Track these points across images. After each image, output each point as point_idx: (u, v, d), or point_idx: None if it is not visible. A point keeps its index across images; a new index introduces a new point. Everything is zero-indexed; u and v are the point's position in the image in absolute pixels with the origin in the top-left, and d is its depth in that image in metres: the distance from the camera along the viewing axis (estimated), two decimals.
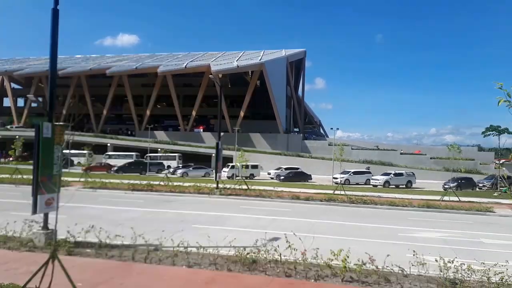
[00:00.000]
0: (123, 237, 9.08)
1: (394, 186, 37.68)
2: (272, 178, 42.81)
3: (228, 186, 26.27)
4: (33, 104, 70.72)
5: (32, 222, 9.53)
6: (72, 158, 49.33)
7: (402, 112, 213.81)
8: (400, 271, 7.61)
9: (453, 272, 7.23)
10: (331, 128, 48.18)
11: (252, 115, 66.43)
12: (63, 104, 64.72)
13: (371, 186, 38.13)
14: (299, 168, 45.11)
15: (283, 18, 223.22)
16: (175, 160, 53.83)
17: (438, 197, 25.07)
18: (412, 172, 41.73)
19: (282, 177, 41.44)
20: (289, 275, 7.67)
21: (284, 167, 45.52)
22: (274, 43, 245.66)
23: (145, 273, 7.66)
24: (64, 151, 11.09)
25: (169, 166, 49.65)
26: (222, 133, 30.14)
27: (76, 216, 14.07)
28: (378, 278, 7.45)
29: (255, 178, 42.92)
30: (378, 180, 38.60)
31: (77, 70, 68.09)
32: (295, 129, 75.80)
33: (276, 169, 44.92)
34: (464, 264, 7.33)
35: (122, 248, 8.94)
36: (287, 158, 54.66)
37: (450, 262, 7.30)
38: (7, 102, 79.91)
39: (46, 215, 9.72)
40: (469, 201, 23.98)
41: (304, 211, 18.61)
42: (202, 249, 8.75)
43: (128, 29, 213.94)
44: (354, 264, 7.55)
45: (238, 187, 26.22)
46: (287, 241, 8.17)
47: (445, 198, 24.62)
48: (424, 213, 19.45)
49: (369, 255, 7.57)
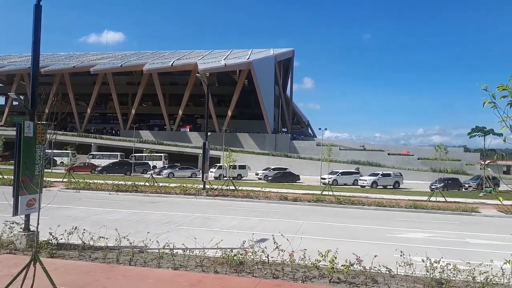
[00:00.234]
0: (107, 238, 8.88)
1: (381, 187, 38.03)
2: (260, 179, 42.76)
3: (215, 186, 26.13)
4: (14, 103, 69.12)
5: (13, 223, 9.31)
6: (55, 158, 48.51)
7: (390, 112, 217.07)
8: (387, 272, 7.63)
9: (439, 272, 7.28)
10: (319, 128, 48.74)
11: (240, 114, 66.25)
12: (46, 102, 63.13)
13: (359, 186, 38.41)
14: (287, 168, 45.15)
15: (271, 18, 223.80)
16: (161, 160, 53.34)
17: (425, 198, 25.39)
18: (399, 173, 42.17)
19: (270, 178, 41.43)
20: (276, 276, 7.62)
21: (272, 167, 45.53)
22: (262, 42, 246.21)
23: (130, 275, 7.50)
24: (46, 150, 10.80)
25: (154, 167, 49.13)
26: (209, 133, 29.92)
27: (59, 218, 13.79)
28: (365, 278, 7.46)
29: (243, 178, 42.79)
30: (366, 180, 38.89)
31: (60, 67, 66.77)
32: (283, 129, 75.92)
33: (264, 170, 44.88)
34: (450, 264, 7.39)
35: (106, 250, 8.76)
36: (275, 159, 54.74)
37: (437, 262, 7.35)
38: None
39: (27, 217, 9.51)
40: (455, 202, 24.35)
41: (292, 212, 18.61)
42: (188, 251, 8.62)
43: (114, 26, 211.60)
44: (341, 265, 7.54)
45: (225, 187, 26.11)
46: (274, 242, 8.11)
47: (432, 198, 24.96)
48: (411, 213, 19.64)
49: (357, 255, 7.57)
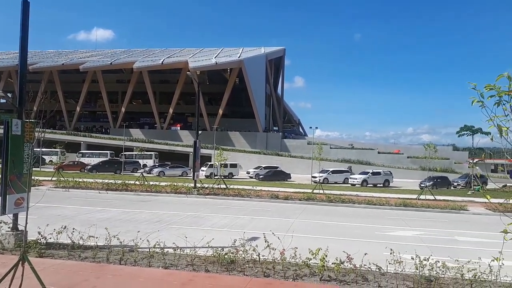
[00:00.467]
0: (97, 238, 8.80)
1: (372, 185, 38.33)
2: (251, 177, 42.75)
3: (206, 185, 26.06)
4: (2, 100, 68.03)
5: (0, 223, 9.18)
6: (43, 156, 47.91)
7: (380, 111, 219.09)
8: (377, 270, 7.69)
9: (429, 270, 7.37)
10: (310, 127, 48.95)
11: (231, 113, 66.10)
12: (34, 100, 62.44)
13: (349, 185, 38.65)
14: (278, 167, 45.24)
15: (263, 17, 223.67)
16: (151, 158, 52.95)
17: (414, 196, 25.66)
18: (389, 171, 42.58)
19: (261, 176, 41.46)
20: (267, 275, 7.63)
21: (263, 166, 45.55)
22: (253, 41, 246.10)
23: (120, 274, 7.44)
24: (35, 149, 10.67)
25: (145, 165, 48.64)
26: (200, 132, 29.84)
27: (48, 217, 13.64)
28: (356, 276, 7.51)
29: (234, 177, 42.72)
30: (356, 179, 39.15)
31: (49, 65, 65.83)
32: (275, 128, 76.02)
33: (255, 168, 44.88)
34: (439, 262, 7.49)
35: (96, 249, 8.67)
36: (266, 157, 54.82)
37: (426, 260, 7.43)
38: None
39: (15, 216, 9.38)
40: (444, 200, 24.65)
41: (283, 210, 18.65)
42: (179, 249, 8.58)
43: (103, 23, 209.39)
44: (332, 263, 7.59)
45: (216, 186, 26.06)
46: (265, 241, 8.11)
47: (422, 196, 25.19)
48: (401, 211, 19.83)
49: (347, 253, 7.61)
